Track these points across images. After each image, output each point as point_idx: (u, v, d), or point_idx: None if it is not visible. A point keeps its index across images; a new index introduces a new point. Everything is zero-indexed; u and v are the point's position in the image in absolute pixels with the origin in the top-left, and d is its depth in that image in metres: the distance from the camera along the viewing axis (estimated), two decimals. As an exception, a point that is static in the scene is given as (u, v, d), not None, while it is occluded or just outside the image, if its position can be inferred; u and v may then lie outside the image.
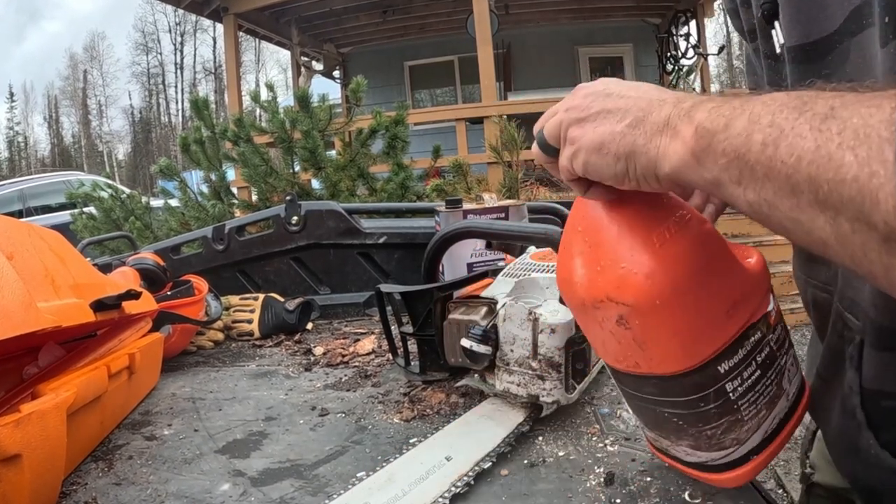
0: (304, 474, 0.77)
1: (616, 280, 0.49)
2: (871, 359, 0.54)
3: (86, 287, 0.87)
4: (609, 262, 0.50)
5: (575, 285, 0.53)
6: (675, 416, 0.56)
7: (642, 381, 0.55)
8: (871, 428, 0.55)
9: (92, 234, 3.89)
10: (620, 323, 0.51)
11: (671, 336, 0.50)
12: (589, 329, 0.57)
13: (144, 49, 35.09)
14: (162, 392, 1.12)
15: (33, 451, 0.64)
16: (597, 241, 0.51)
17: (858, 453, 0.58)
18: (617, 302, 0.50)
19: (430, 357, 1.00)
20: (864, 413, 0.55)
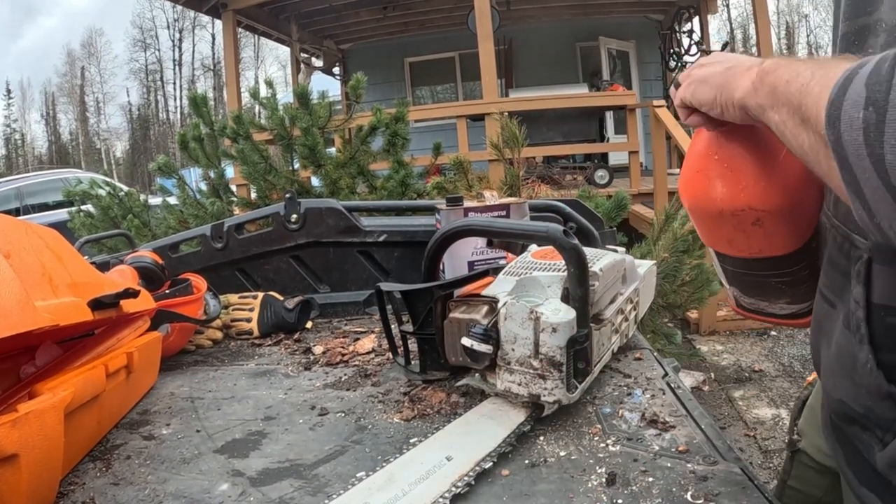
0: (304, 474, 0.77)
1: (760, 194, 0.69)
2: (880, 274, 0.57)
3: (83, 285, 0.87)
4: (751, 181, 0.69)
5: (715, 200, 0.71)
6: (780, 282, 0.78)
7: (759, 263, 0.77)
8: (871, 344, 0.58)
9: (89, 232, 3.88)
10: (756, 224, 0.71)
11: (791, 228, 0.72)
12: (718, 232, 0.76)
13: (142, 45, 35.09)
14: (160, 391, 1.12)
15: (31, 450, 0.64)
16: (736, 166, 0.70)
17: (854, 371, 0.60)
18: (758, 209, 0.69)
19: (430, 356, 1.00)
20: (868, 328, 0.58)
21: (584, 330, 0.84)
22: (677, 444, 0.77)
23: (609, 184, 6.72)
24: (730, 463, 0.72)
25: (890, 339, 0.57)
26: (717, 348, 4.34)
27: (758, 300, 0.83)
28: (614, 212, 2.70)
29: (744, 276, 0.81)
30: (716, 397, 3.61)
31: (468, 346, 0.84)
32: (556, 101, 6.91)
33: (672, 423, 0.83)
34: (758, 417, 3.30)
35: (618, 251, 1.10)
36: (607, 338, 0.97)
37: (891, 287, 0.56)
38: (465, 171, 3.39)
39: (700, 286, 2.68)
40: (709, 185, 0.72)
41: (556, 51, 9.76)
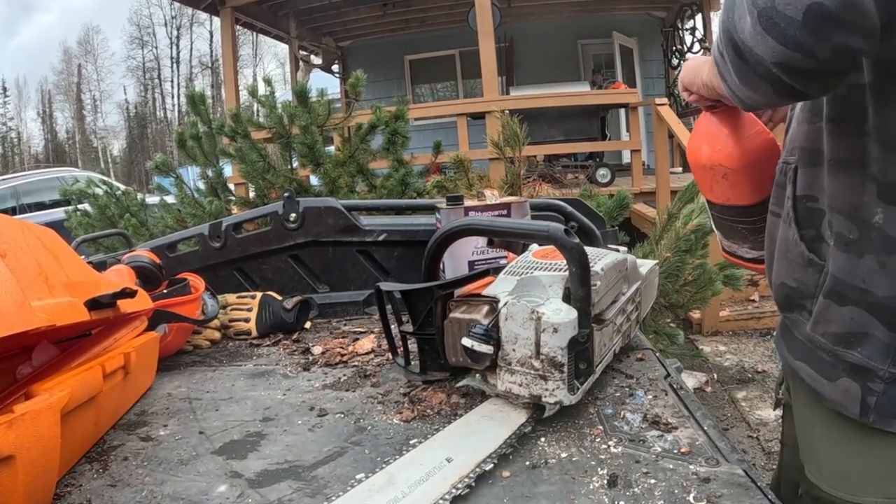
0: (303, 476, 0.77)
1: (728, 155, 0.95)
2: (802, 174, 0.81)
3: (80, 285, 0.87)
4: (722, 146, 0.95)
5: (701, 157, 0.99)
6: (745, 228, 1.02)
7: (729, 209, 1.02)
8: (797, 224, 0.81)
9: (86, 231, 3.88)
10: (724, 177, 0.97)
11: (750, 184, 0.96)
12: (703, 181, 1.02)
13: (140, 43, 35.08)
14: (158, 392, 1.12)
15: (27, 452, 0.64)
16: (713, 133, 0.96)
17: (787, 251, 0.83)
18: (726, 166, 0.95)
19: (430, 356, 1.00)
20: (795, 213, 0.81)
21: (586, 330, 0.84)
22: (680, 446, 0.77)
23: (611, 182, 6.72)
24: (732, 465, 0.72)
25: (808, 218, 0.80)
26: (720, 349, 4.34)
27: (731, 243, 1.08)
28: (616, 211, 2.70)
29: (721, 220, 1.07)
30: (718, 398, 3.61)
31: (468, 346, 0.84)
32: (557, 99, 6.91)
33: (674, 425, 0.83)
34: (761, 419, 3.30)
35: (619, 251, 1.10)
36: (609, 338, 0.97)
37: (807, 181, 0.80)
38: (465, 169, 3.39)
39: (703, 286, 2.68)
40: (698, 146, 1.00)
41: (557, 48, 9.75)
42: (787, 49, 0.59)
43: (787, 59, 0.60)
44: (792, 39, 0.58)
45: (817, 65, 0.59)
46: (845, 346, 0.75)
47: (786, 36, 0.58)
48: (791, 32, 0.58)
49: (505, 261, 1.23)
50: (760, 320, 4.63)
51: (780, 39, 0.59)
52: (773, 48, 0.60)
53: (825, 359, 0.78)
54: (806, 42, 0.58)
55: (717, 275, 2.72)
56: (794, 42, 0.58)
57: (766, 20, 0.59)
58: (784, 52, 0.59)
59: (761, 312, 4.65)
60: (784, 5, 0.57)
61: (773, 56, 0.60)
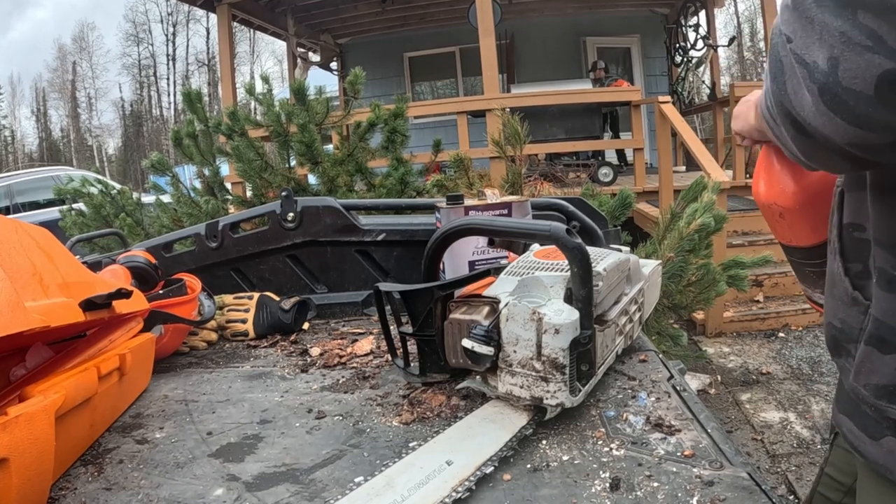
0: (300, 479, 0.77)
1: (781, 193, 0.93)
2: (849, 200, 0.73)
3: (75, 286, 0.87)
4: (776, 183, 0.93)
5: (759, 194, 0.98)
6: (811, 271, 0.99)
7: (793, 250, 1.00)
8: (842, 256, 0.73)
9: (81, 231, 3.88)
10: (781, 216, 0.95)
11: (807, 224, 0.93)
12: (766, 219, 1.01)
13: (135, 40, 35.06)
14: (153, 394, 1.12)
15: (21, 454, 0.64)
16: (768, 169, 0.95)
17: (833, 286, 0.76)
18: (780, 205, 0.94)
19: (430, 358, 1.00)
20: (840, 243, 0.74)
21: (588, 331, 0.84)
22: (683, 449, 0.77)
23: (613, 181, 6.72)
24: (737, 468, 0.72)
25: (854, 250, 0.71)
26: (724, 350, 4.34)
27: (805, 287, 1.06)
28: (618, 210, 2.70)
29: (792, 263, 1.04)
30: (722, 400, 3.61)
31: (469, 347, 0.84)
32: (558, 97, 6.90)
33: (678, 427, 0.83)
34: (765, 421, 3.30)
35: (622, 251, 1.10)
36: (611, 339, 0.97)
37: (854, 208, 0.71)
38: (465, 168, 3.39)
39: (706, 286, 2.68)
40: (757, 184, 0.99)
41: (558, 46, 9.76)
42: (863, 130, 0.51)
43: (863, 140, 0.52)
44: (867, 119, 0.50)
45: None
46: (889, 400, 0.65)
47: (859, 116, 0.50)
48: (864, 111, 0.49)
49: (506, 261, 1.23)
50: (765, 321, 4.63)
51: (854, 121, 0.50)
52: (844, 130, 0.52)
53: (868, 413, 0.69)
54: (883, 118, 0.49)
55: (721, 275, 2.72)
56: (871, 121, 0.50)
57: (831, 99, 0.51)
58: (859, 134, 0.51)
59: (766, 313, 4.65)
60: (850, 79, 0.49)
61: (845, 138, 0.52)
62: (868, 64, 0.47)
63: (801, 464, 2.86)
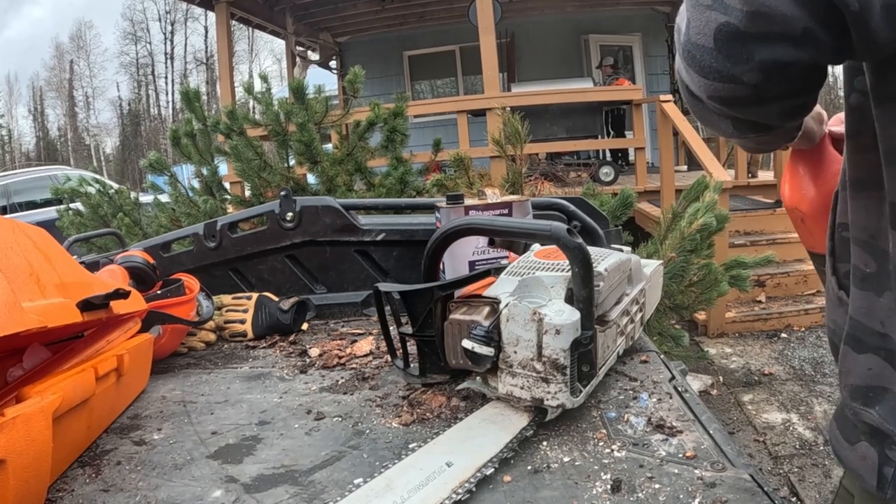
0: (299, 480, 0.77)
1: (802, 199, 0.92)
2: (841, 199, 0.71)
3: (72, 286, 0.87)
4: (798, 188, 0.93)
5: (784, 198, 0.96)
6: None
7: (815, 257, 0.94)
8: (832, 255, 0.73)
9: (79, 230, 3.88)
10: (802, 222, 0.94)
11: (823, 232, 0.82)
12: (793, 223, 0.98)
13: (133, 38, 35.04)
14: (151, 395, 1.12)
15: (18, 456, 0.64)
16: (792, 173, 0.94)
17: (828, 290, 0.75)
18: (801, 211, 0.92)
19: (430, 359, 1.00)
20: (832, 243, 0.73)
21: (589, 332, 0.84)
22: (684, 450, 0.77)
23: (614, 181, 6.72)
24: (739, 469, 0.72)
25: (843, 250, 0.70)
26: (726, 351, 4.35)
27: None
28: (620, 210, 2.70)
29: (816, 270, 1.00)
30: (724, 401, 3.61)
31: (469, 348, 0.84)
32: (559, 96, 6.91)
33: (679, 428, 0.83)
34: (767, 422, 3.30)
35: (623, 250, 1.10)
36: (612, 340, 0.97)
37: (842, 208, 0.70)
38: (465, 167, 3.40)
39: (708, 287, 2.68)
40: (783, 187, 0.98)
41: (559, 44, 9.75)
42: (711, 80, 0.55)
43: (716, 92, 0.56)
44: (712, 70, 0.54)
45: (754, 90, 0.54)
46: (863, 402, 0.64)
47: (706, 68, 0.54)
48: (709, 62, 0.54)
49: (506, 261, 1.23)
50: (767, 322, 4.63)
51: (702, 72, 0.55)
52: (699, 83, 0.56)
53: (848, 417, 0.67)
54: (725, 69, 0.53)
55: (723, 275, 2.72)
56: (716, 72, 0.54)
57: (687, 55, 0.56)
58: (710, 85, 0.56)
59: (768, 314, 4.65)
60: (696, 34, 0.54)
61: (703, 90, 0.57)
62: (707, 19, 0.52)
63: (803, 465, 2.86)
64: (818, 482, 2.72)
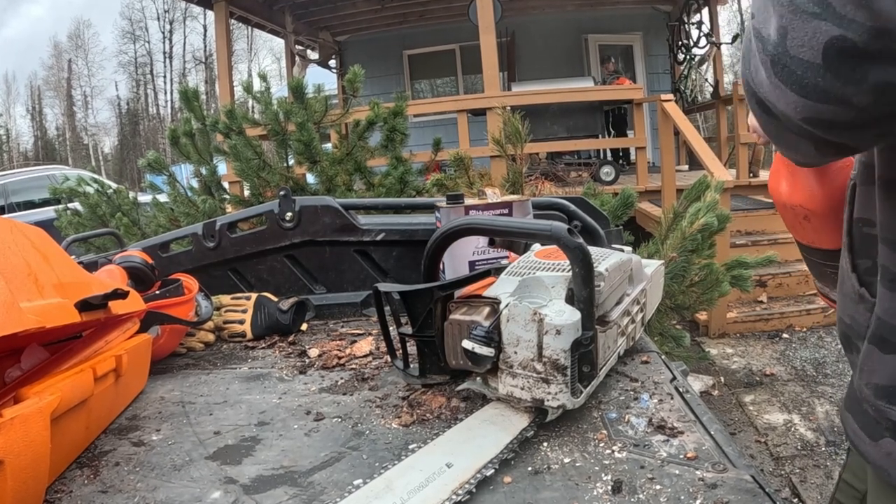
0: (299, 481, 0.77)
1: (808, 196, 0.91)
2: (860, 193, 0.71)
3: (71, 286, 0.87)
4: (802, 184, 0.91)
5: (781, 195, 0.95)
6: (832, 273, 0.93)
7: (815, 251, 0.98)
8: (851, 251, 0.73)
9: (77, 230, 3.88)
10: (805, 219, 0.93)
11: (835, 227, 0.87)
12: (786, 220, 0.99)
13: (132, 37, 35.05)
14: (150, 396, 1.12)
15: (16, 457, 0.64)
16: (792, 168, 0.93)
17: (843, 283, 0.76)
18: (806, 208, 0.92)
19: (430, 359, 1.00)
20: (849, 238, 0.73)
21: (590, 332, 0.84)
22: (686, 451, 0.77)
23: (615, 181, 6.72)
24: (740, 470, 0.72)
25: (863, 246, 0.70)
26: (727, 351, 4.35)
27: (822, 285, 1.04)
28: (620, 210, 2.71)
29: (810, 262, 1.03)
30: (725, 402, 3.61)
31: (469, 348, 0.84)
32: (560, 95, 6.91)
33: (680, 429, 0.83)
34: (769, 423, 3.30)
35: (624, 250, 1.10)
36: (613, 340, 0.97)
37: (864, 202, 0.70)
38: (465, 167, 3.40)
39: (709, 287, 2.68)
40: (778, 183, 0.96)
41: (560, 43, 9.75)
42: (812, 101, 0.49)
43: (816, 114, 0.50)
44: (816, 89, 0.48)
45: (858, 114, 0.48)
46: (888, 401, 0.65)
47: (807, 86, 0.48)
48: (812, 80, 0.47)
49: (506, 261, 1.23)
50: (769, 322, 4.63)
51: (803, 92, 0.49)
52: (796, 102, 0.50)
53: (869, 413, 0.68)
54: (833, 89, 0.47)
55: (725, 275, 2.72)
56: (820, 91, 0.48)
57: (781, 69, 0.49)
58: (810, 106, 0.49)
59: (769, 314, 4.65)
60: (797, 47, 0.47)
61: (799, 112, 0.50)
62: (815, 31, 0.45)
63: (805, 466, 2.86)
64: (820, 483, 2.72)
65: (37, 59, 42.35)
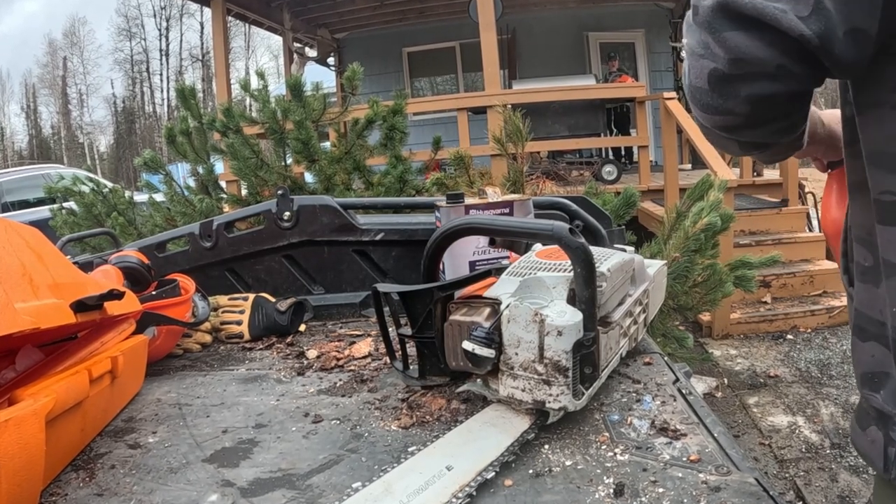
0: (297, 484, 0.77)
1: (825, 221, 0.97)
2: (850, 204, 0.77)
3: (66, 287, 0.87)
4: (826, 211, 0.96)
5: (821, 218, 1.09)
6: None
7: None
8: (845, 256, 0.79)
9: (72, 230, 3.88)
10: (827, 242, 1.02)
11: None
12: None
13: (127, 34, 35.05)
14: (146, 398, 1.13)
15: (10, 459, 0.64)
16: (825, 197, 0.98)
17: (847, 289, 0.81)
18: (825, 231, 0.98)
19: (429, 360, 1.00)
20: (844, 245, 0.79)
21: (591, 333, 0.84)
22: (689, 453, 0.77)
23: (617, 180, 6.72)
24: (744, 473, 0.72)
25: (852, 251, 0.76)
26: (731, 352, 4.35)
27: None
28: (623, 209, 2.71)
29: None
30: (729, 404, 3.61)
31: (469, 349, 0.84)
32: (561, 93, 6.91)
33: (683, 431, 0.83)
34: (773, 425, 3.30)
35: (626, 250, 1.10)
36: (615, 341, 0.97)
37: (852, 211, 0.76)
38: (466, 166, 3.39)
39: (713, 287, 2.69)
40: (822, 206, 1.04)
41: (561, 40, 9.75)
42: (711, 114, 0.66)
43: (718, 123, 0.67)
44: (710, 106, 0.65)
45: (746, 119, 0.65)
46: (870, 388, 0.70)
47: (705, 105, 0.66)
48: (707, 100, 0.65)
49: (507, 261, 1.23)
50: (773, 323, 4.63)
51: (705, 109, 0.66)
52: (703, 117, 0.68)
53: (862, 404, 0.73)
54: (719, 105, 0.64)
55: (728, 276, 2.72)
56: (713, 108, 0.65)
57: (691, 96, 0.67)
58: (712, 119, 0.67)
59: (774, 315, 4.65)
60: (695, 78, 0.65)
61: (710, 122, 0.68)
62: (702, 67, 0.63)
63: (809, 469, 2.86)
64: (824, 486, 2.72)
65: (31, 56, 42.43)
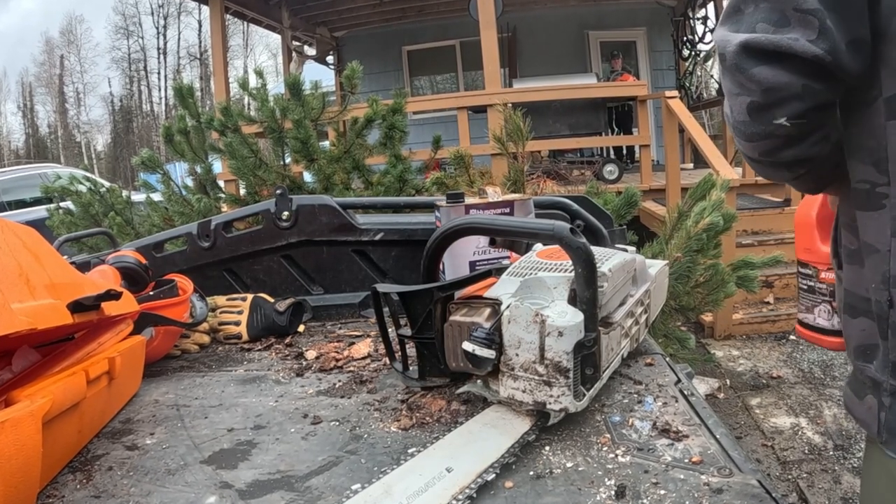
0: (296, 486, 0.77)
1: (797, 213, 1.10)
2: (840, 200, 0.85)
3: (63, 287, 0.87)
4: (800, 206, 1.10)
5: None
6: None
7: None
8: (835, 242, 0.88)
9: (69, 230, 3.88)
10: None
11: None
12: None
13: (125, 33, 35.05)
14: (144, 399, 1.13)
15: (7, 461, 0.64)
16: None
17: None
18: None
19: (429, 361, 1.00)
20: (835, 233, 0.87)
21: (592, 334, 0.84)
22: (691, 455, 0.77)
23: (618, 179, 6.72)
24: (746, 475, 0.72)
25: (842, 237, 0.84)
26: (733, 353, 4.35)
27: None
28: (624, 209, 2.70)
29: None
30: (731, 405, 3.61)
31: (469, 350, 0.84)
32: (562, 92, 6.90)
33: (685, 433, 0.83)
34: (776, 426, 3.30)
35: (628, 250, 1.10)
36: (617, 342, 0.97)
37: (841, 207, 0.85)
38: (466, 165, 3.39)
39: (715, 287, 2.68)
40: None
41: (562, 39, 9.76)
42: (757, 142, 0.75)
43: (764, 148, 0.76)
44: (755, 134, 0.74)
45: (787, 138, 0.74)
46: (864, 359, 0.79)
47: (750, 134, 0.75)
48: (751, 130, 0.74)
49: (507, 261, 1.23)
50: (776, 323, 4.63)
51: (751, 138, 0.75)
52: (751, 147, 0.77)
53: (857, 377, 0.82)
54: (761, 131, 0.73)
55: (731, 276, 2.72)
56: (757, 135, 0.74)
57: (736, 131, 0.77)
58: (759, 146, 0.76)
59: (776, 315, 4.65)
60: (738, 114, 0.74)
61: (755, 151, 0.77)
62: (740, 103, 0.73)
63: (812, 471, 2.86)
64: (828, 488, 2.72)
65: (28, 54, 42.39)
